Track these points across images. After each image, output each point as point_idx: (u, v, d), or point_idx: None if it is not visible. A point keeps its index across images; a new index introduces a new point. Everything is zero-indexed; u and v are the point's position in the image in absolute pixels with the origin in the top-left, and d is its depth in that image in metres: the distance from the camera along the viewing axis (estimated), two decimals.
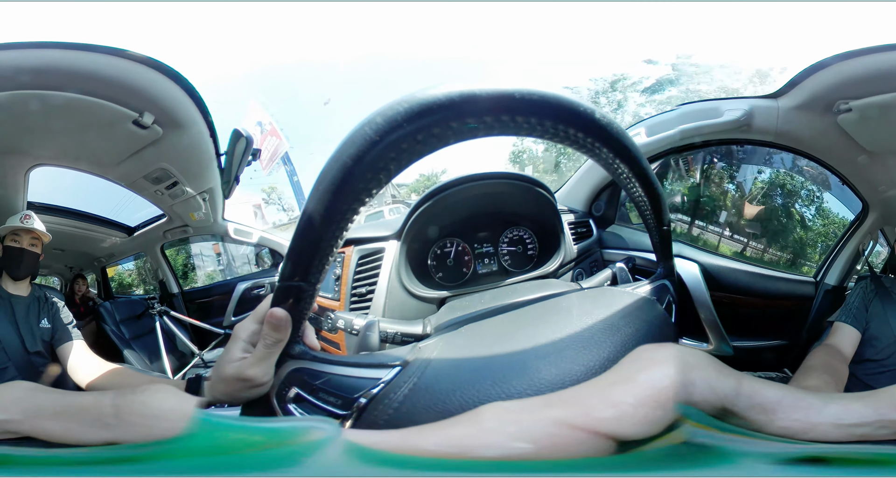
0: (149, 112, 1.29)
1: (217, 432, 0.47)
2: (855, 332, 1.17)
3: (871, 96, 1.08)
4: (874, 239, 1.43)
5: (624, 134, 0.54)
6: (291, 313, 0.55)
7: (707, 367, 0.48)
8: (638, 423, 0.39)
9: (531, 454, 0.38)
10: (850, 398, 0.51)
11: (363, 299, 1.22)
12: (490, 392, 0.50)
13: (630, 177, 0.61)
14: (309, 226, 0.49)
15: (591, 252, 1.53)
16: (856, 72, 1.07)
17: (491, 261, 1.36)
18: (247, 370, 0.56)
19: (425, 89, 0.43)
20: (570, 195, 1.75)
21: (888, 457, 0.45)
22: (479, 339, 0.65)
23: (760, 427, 0.48)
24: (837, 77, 1.11)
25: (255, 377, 0.56)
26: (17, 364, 1.32)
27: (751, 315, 1.45)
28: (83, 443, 0.53)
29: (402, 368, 0.55)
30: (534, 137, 0.49)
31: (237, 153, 1.59)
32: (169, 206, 1.81)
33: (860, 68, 1.06)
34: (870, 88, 1.08)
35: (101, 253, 2.09)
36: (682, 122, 1.45)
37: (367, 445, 0.42)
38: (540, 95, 0.45)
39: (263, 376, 0.56)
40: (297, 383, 0.57)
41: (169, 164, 1.54)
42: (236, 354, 0.57)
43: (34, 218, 1.43)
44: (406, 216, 1.24)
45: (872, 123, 1.14)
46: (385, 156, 0.44)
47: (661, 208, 0.69)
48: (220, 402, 0.62)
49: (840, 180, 1.37)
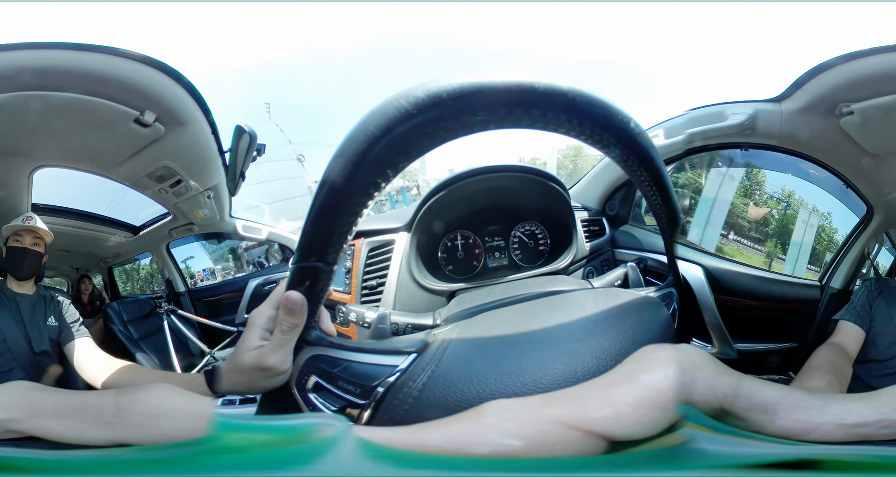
0: (150, 110, 1.29)
1: (228, 431, 0.46)
2: (859, 330, 1.17)
3: (873, 99, 1.08)
4: (879, 242, 1.42)
5: (652, 145, 0.56)
6: (308, 297, 0.53)
7: (707, 367, 0.48)
8: (635, 424, 0.39)
9: (524, 452, 0.38)
10: (851, 398, 0.51)
11: (374, 292, 1.21)
12: (506, 381, 0.50)
13: (646, 177, 0.61)
14: (327, 200, 0.47)
15: (603, 251, 1.52)
16: (857, 74, 1.07)
17: (502, 255, 1.34)
18: (265, 359, 0.55)
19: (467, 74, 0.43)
20: (584, 193, 1.73)
21: (889, 460, 0.44)
22: (493, 328, 0.64)
23: (761, 427, 0.47)
24: (839, 79, 1.10)
25: (274, 365, 0.55)
26: (23, 365, 1.31)
27: (755, 318, 1.44)
28: (86, 442, 0.53)
29: (418, 354, 0.55)
30: (556, 133, 0.49)
31: (241, 149, 1.59)
32: (173, 204, 1.80)
33: (862, 70, 1.06)
34: (872, 91, 1.07)
35: (106, 253, 2.08)
36: (691, 125, 1.45)
37: (376, 441, 0.42)
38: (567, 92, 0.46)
39: (283, 363, 0.55)
40: (316, 371, 0.56)
41: (172, 161, 1.54)
42: (253, 342, 0.56)
43: (35, 218, 1.44)
44: (416, 208, 1.23)
45: (875, 125, 1.13)
46: (421, 130, 0.43)
47: (674, 211, 0.70)
48: (237, 393, 0.61)
49: (844, 184, 1.36)
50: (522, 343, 0.57)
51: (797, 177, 1.47)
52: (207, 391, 0.64)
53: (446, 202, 1.21)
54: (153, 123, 1.32)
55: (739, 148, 1.46)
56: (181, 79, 1.27)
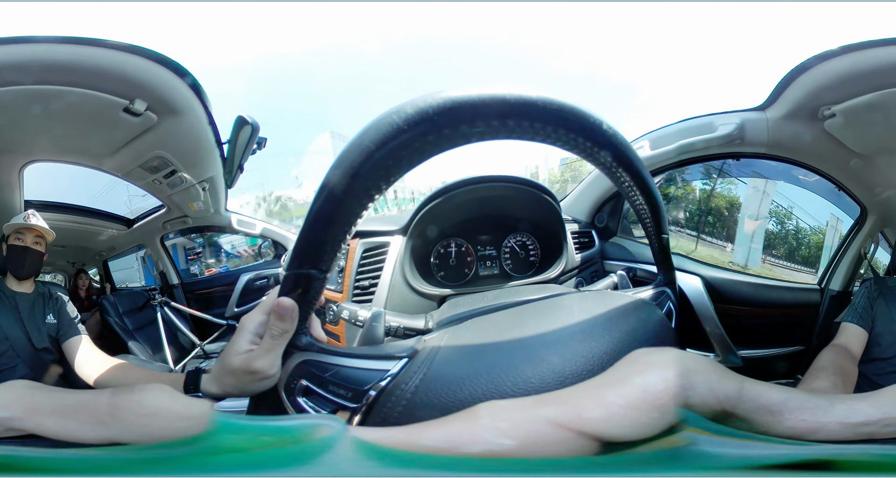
0: (140, 99, 1.26)
1: (224, 432, 0.46)
2: (861, 331, 1.18)
3: (852, 99, 1.08)
4: (875, 242, 1.43)
5: (628, 145, 0.58)
6: (299, 303, 0.54)
7: (708, 371, 0.48)
8: (627, 425, 0.40)
9: (518, 452, 0.39)
10: (855, 398, 0.51)
11: (366, 292, 1.22)
12: (497, 383, 0.50)
13: (632, 186, 0.63)
14: (323, 211, 0.48)
15: (593, 262, 1.54)
16: (833, 75, 1.06)
17: (493, 264, 1.36)
18: (254, 362, 0.55)
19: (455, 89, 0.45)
20: (574, 206, 1.76)
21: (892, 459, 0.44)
22: (484, 332, 0.64)
23: (767, 429, 0.47)
24: (817, 82, 1.10)
25: (262, 369, 0.55)
26: (26, 361, 1.31)
27: (758, 325, 1.45)
28: (82, 441, 0.53)
29: (409, 359, 0.55)
30: (545, 144, 0.51)
31: (241, 141, 1.53)
32: (168, 195, 1.78)
33: (836, 71, 1.05)
34: (849, 91, 1.07)
35: (101, 247, 2.08)
36: (681, 137, 1.45)
37: (372, 441, 0.42)
38: (558, 105, 0.48)
39: (270, 368, 0.56)
40: (306, 376, 0.56)
41: (166, 151, 1.51)
42: (243, 345, 0.57)
43: (38, 216, 1.41)
44: (413, 213, 1.24)
45: (858, 125, 1.13)
46: (410, 145, 0.45)
47: (660, 218, 0.71)
48: (226, 395, 0.61)
49: (836, 187, 1.36)
50: (513, 346, 0.57)
51: (790, 183, 1.48)
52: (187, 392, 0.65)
53: (442, 209, 1.22)
54: (144, 111, 1.29)
55: (731, 158, 1.48)
56: (175, 66, 1.23)
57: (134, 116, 1.30)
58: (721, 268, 1.52)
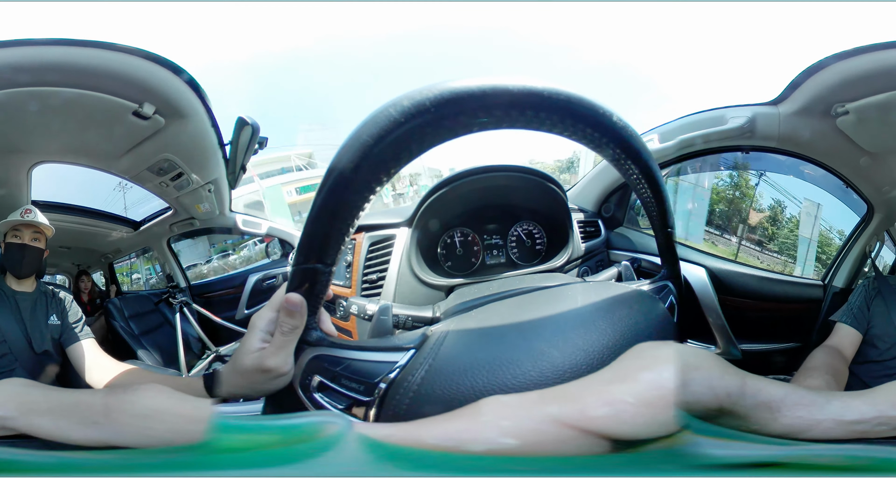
0: (149, 102, 1.27)
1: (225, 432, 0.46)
2: (854, 332, 1.16)
3: (867, 97, 1.08)
4: (880, 240, 1.43)
5: (637, 137, 0.58)
6: (307, 298, 0.54)
7: (710, 366, 0.48)
8: (634, 423, 0.39)
9: (521, 450, 0.38)
10: (850, 396, 0.51)
11: (374, 286, 1.23)
12: (501, 372, 0.50)
13: (640, 178, 0.63)
14: (326, 205, 0.49)
15: (598, 252, 1.55)
16: (850, 73, 1.07)
17: (499, 252, 1.37)
18: (266, 360, 0.55)
19: (454, 80, 0.45)
20: (582, 195, 1.76)
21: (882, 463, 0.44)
22: (489, 320, 0.65)
23: (763, 425, 0.47)
24: (833, 80, 1.10)
25: (275, 367, 0.55)
26: (24, 366, 1.26)
27: (759, 319, 1.45)
28: (75, 441, 0.52)
29: (416, 350, 0.55)
30: (554, 134, 0.52)
31: (242, 142, 1.55)
32: (174, 198, 1.79)
33: (854, 69, 1.06)
34: (865, 89, 1.07)
35: (107, 249, 2.07)
36: (690, 129, 1.46)
37: (377, 438, 0.42)
38: (566, 96, 0.49)
39: (284, 365, 0.55)
40: (319, 371, 0.56)
41: (173, 154, 1.52)
42: (254, 344, 0.56)
43: (35, 212, 1.38)
44: (418, 204, 1.24)
45: (871, 124, 1.13)
46: (407, 138, 0.46)
47: (666, 211, 0.71)
48: (239, 396, 0.61)
49: (844, 183, 1.37)
50: (516, 335, 0.58)
51: (798, 178, 1.48)
52: (205, 395, 0.64)
53: (447, 199, 1.23)
54: (153, 115, 1.30)
55: (741, 151, 1.48)
56: (179, 71, 1.25)
57: (142, 120, 1.31)
58: (726, 259, 1.52)
